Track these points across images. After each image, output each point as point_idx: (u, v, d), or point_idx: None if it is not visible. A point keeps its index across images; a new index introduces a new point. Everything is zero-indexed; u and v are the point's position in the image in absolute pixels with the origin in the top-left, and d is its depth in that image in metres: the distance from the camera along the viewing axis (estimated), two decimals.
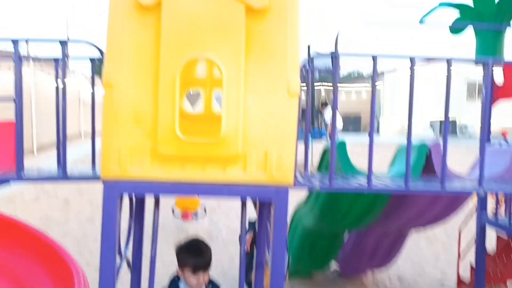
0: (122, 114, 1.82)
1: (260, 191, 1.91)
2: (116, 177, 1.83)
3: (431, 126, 27.60)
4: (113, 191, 1.85)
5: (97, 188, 1.88)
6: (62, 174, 2.03)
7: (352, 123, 27.13)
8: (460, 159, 9.24)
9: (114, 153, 1.82)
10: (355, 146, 2.71)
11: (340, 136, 14.54)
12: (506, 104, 2.84)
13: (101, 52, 2.19)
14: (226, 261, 5.31)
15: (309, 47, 13.40)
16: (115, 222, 1.85)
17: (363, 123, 29.37)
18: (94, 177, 2.00)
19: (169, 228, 6.59)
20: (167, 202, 7.80)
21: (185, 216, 6.03)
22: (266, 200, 2.12)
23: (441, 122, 27.18)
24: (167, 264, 4.93)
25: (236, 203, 6.71)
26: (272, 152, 1.88)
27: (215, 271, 4.92)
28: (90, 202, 7.90)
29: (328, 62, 2.38)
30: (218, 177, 1.87)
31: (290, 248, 4.24)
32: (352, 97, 27.57)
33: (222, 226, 6.87)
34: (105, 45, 1.85)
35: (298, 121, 2.48)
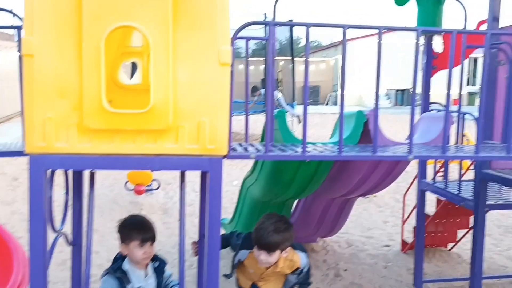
0: (45, 86, 1.74)
1: (194, 162, 1.89)
2: (41, 151, 1.76)
3: (386, 95, 28.29)
4: (39, 166, 1.78)
5: None
6: None
7: (311, 95, 27.41)
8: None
9: (38, 127, 1.75)
10: (314, 116, 2.70)
11: (298, 108, 14.62)
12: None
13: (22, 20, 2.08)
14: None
15: (265, 15, 13.23)
16: (42, 197, 1.80)
17: (321, 94, 29.72)
18: (19, 152, 1.92)
19: (122, 202, 6.52)
20: (121, 176, 7.70)
21: (138, 190, 5.97)
22: (200, 170, 2.11)
23: (396, 91, 27.94)
24: (105, 238, 4.90)
25: (191, 177, 6.67)
26: (205, 122, 1.86)
27: (169, 244, 4.95)
28: None
29: (287, 34, 2.35)
30: (149, 150, 1.84)
31: (240, 217, 4.29)
32: (311, 68, 27.75)
33: (176, 199, 6.86)
34: (23, 11, 1.75)
35: (248, 93, 2.48)
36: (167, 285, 2.65)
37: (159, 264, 2.61)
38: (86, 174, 2.54)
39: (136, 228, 2.50)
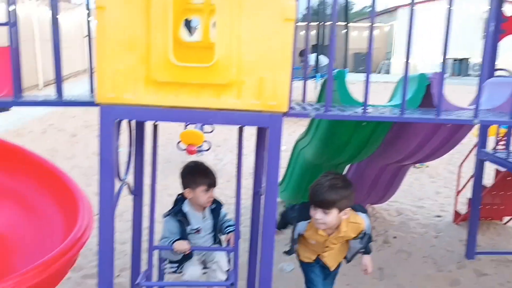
0: (115, 38, 1.80)
1: (254, 118, 1.91)
2: (111, 101, 1.84)
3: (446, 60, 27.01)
4: (108, 116, 1.87)
5: None
6: (59, 97, 2.04)
7: (362, 62, 26.63)
8: (469, 97, 9.14)
9: (108, 78, 1.82)
10: (364, 84, 2.65)
11: (350, 75, 14.31)
12: None
13: None
14: (229, 194, 5.45)
15: None
16: (112, 145, 1.90)
17: (374, 61, 28.79)
18: (90, 102, 2.01)
19: (175, 161, 6.73)
20: (173, 136, 7.92)
21: (189, 150, 6.11)
22: (260, 126, 2.13)
23: (453, 60, 26.65)
24: (173, 194, 5.08)
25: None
26: (267, 78, 1.86)
27: None
28: (97, 135, 8.02)
29: None
30: (212, 104, 1.88)
31: (290, 180, 4.33)
32: (364, 35, 26.85)
33: (226, 161, 7.00)
34: None
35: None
36: (223, 224, 2.85)
37: (215, 206, 2.80)
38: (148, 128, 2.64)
39: (202, 174, 2.73)
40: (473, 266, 3.77)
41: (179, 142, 7.21)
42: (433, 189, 6.01)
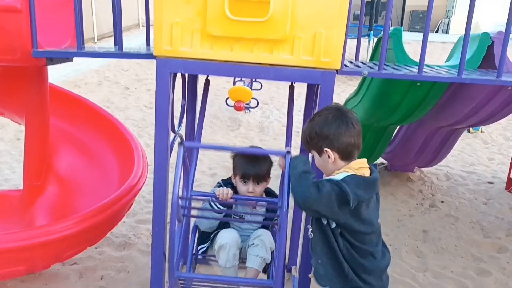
0: None
1: (307, 74, 1.91)
2: (167, 54, 1.89)
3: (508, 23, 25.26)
4: (165, 68, 1.92)
5: (155, 77, 1.97)
6: (119, 50, 2.12)
7: (419, 20, 25.33)
8: None
9: (165, 32, 1.87)
10: (421, 44, 2.54)
11: (405, 34, 13.66)
12: None
13: None
14: None
15: None
16: (167, 97, 1.96)
17: (432, 20, 27.27)
18: (148, 55, 2.07)
19: (223, 118, 6.85)
20: (220, 92, 8.01)
21: (237, 107, 6.18)
22: (313, 83, 2.13)
23: None
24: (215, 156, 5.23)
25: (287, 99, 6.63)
26: (321, 35, 1.85)
27: None
28: (148, 89, 8.24)
29: None
30: (265, 59, 1.89)
31: None
32: None
33: (273, 118, 7.03)
34: None
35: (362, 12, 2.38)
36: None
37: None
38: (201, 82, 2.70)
39: (243, 160, 2.23)
40: None
41: (227, 99, 7.31)
42: (486, 155, 5.81)
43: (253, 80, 7.04)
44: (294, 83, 2.46)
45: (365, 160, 1.76)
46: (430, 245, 3.46)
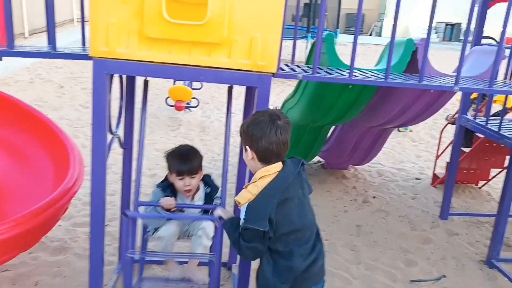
0: None
1: (244, 77, 1.97)
2: (104, 55, 1.88)
3: (434, 29, 26.88)
4: (101, 69, 1.91)
5: (90, 75, 1.94)
6: (53, 49, 2.07)
7: (354, 23, 26.32)
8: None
9: (101, 32, 1.85)
10: (358, 46, 2.66)
11: (341, 36, 14.14)
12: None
13: None
14: (216, 151, 5.56)
15: None
16: (104, 98, 1.94)
17: (366, 23, 28.48)
18: (83, 55, 2.04)
19: (162, 117, 6.77)
20: (160, 92, 7.91)
21: (178, 106, 6.15)
22: (250, 86, 2.19)
23: (446, 25, 26.50)
24: (160, 149, 5.17)
25: (225, 98, 6.73)
26: (257, 39, 1.91)
27: (206, 160, 5.19)
28: (84, 88, 7.97)
29: None
30: (203, 62, 1.92)
31: None
32: None
33: (214, 118, 7.06)
34: None
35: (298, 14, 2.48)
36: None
37: (210, 191, 2.56)
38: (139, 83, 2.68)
39: (176, 159, 2.43)
40: (445, 226, 3.98)
41: (167, 98, 7.24)
42: (414, 152, 6.19)
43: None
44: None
45: (272, 167, 1.81)
46: (363, 239, 3.66)
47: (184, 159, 2.42)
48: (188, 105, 6.79)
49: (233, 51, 1.92)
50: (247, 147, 1.83)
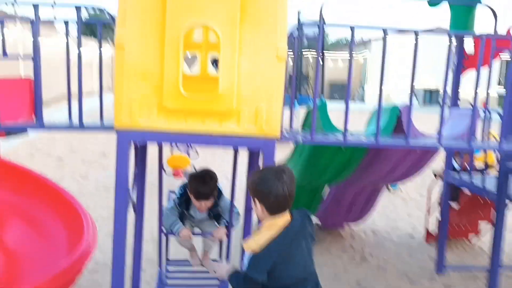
0: (132, 72, 2.09)
1: (251, 141, 2.22)
2: (127, 126, 2.12)
3: (414, 94, 28.07)
4: (125, 139, 2.14)
5: (89, 147, 2.17)
6: (79, 123, 2.31)
7: (339, 91, 27.42)
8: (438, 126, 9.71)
9: (125, 106, 2.11)
10: (341, 112, 2.90)
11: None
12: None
13: (111, 17, 2.44)
14: None
15: (299, 13, 13.39)
16: (127, 166, 2.16)
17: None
18: (108, 127, 2.28)
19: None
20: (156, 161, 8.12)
21: (176, 173, 6.36)
22: (256, 150, 2.43)
23: (424, 90, 27.73)
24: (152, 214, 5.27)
25: (224, 163, 7.09)
26: (262, 108, 2.18)
27: None
28: (83, 160, 8.18)
29: (316, 30, 2.62)
30: (215, 129, 2.18)
31: None
32: (339, 64, 27.76)
33: None
34: (116, 10, 2.10)
35: (285, 85, 2.79)
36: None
37: (216, 215, 3.15)
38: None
39: (195, 182, 2.94)
40: (442, 281, 4.10)
41: (165, 168, 7.41)
42: (405, 211, 6.38)
43: (190, 147, 7.29)
44: (238, 149, 2.76)
45: (280, 218, 1.98)
46: None
47: (202, 183, 2.92)
48: (185, 172, 6.99)
49: (241, 119, 2.18)
50: (256, 200, 2.00)
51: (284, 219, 2.00)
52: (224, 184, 6.87)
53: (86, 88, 2.62)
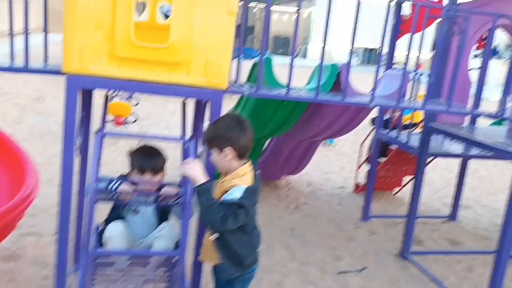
0: (84, 18, 2.08)
1: (200, 92, 2.31)
2: (77, 71, 2.13)
3: (355, 52, 28.78)
4: (74, 84, 2.16)
5: (21, 91, 2.15)
6: (24, 65, 2.27)
7: (282, 45, 27.46)
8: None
9: (75, 51, 2.11)
10: (282, 67, 3.03)
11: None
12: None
13: None
14: None
15: None
16: (75, 111, 2.19)
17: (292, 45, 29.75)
18: (54, 71, 2.27)
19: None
20: (99, 108, 7.93)
21: (117, 121, 6.30)
22: (205, 99, 2.53)
23: (364, 49, 28.51)
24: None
25: (165, 114, 7.04)
26: (212, 60, 2.27)
27: None
28: (15, 104, 7.81)
29: None
30: (166, 78, 2.24)
31: None
32: (283, 18, 27.67)
33: (151, 133, 7.24)
34: None
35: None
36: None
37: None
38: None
39: (139, 155, 2.44)
40: (367, 227, 4.53)
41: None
42: (338, 164, 6.81)
43: (131, 96, 7.19)
44: (186, 99, 2.83)
45: (248, 165, 2.14)
46: (296, 239, 4.08)
47: (147, 155, 2.42)
48: (126, 120, 6.93)
49: (192, 70, 2.26)
50: (225, 149, 2.06)
51: (249, 165, 2.14)
52: (165, 134, 6.91)
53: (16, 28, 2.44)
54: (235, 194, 2.01)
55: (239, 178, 2.07)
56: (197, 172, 2.04)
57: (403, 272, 3.70)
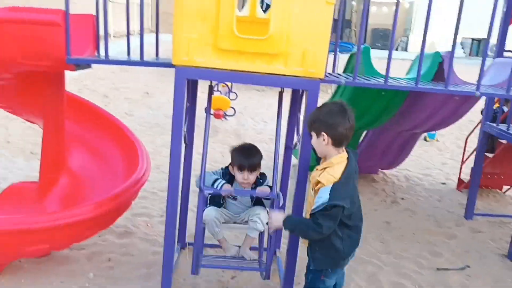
0: (191, 12, 2.26)
1: (298, 82, 2.39)
2: (185, 63, 2.32)
3: (461, 44, 26.93)
4: (182, 75, 2.35)
5: (131, 86, 2.36)
6: (140, 58, 2.53)
7: (381, 38, 26.53)
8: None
9: (183, 45, 2.29)
10: (381, 61, 2.97)
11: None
12: None
13: None
14: None
15: None
16: (183, 99, 2.38)
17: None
18: (166, 63, 2.49)
19: (201, 125, 7.22)
20: (201, 101, 8.41)
21: (217, 114, 6.63)
22: (302, 89, 2.59)
23: (472, 40, 26.51)
24: (200, 153, 5.57)
25: (261, 107, 7.20)
26: (309, 50, 2.33)
27: None
28: (126, 98, 8.55)
29: None
30: (264, 69, 2.35)
31: None
32: (382, 10, 26.73)
33: (248, 126, 7.50)
34: None
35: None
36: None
37: (261, 181, 2.78)
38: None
39: (240, 154, 2.73)
40: (469, 225, 4.28)
41: (205, 108, 7.63)
42: (440, 160, 6.48)
43: (230, 90, 7.51)
44: (283, 90, 2.93)
45: (345, 155, 2.18)
46: (391, 233, 3.99)
47: (247, 154, 2.71)
48: (225, 114, 7.26)
49: (289, 60, 2.34)
50: (323, 133, 2.12)
51: (346, 155, 2.18)
52: (261, 127, 7.11)
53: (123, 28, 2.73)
54: (323, 196, 2.06)
55: (330, 169, 2.12)
56: (280, 220, 2.26)
57: (510, 271, 3.46)
